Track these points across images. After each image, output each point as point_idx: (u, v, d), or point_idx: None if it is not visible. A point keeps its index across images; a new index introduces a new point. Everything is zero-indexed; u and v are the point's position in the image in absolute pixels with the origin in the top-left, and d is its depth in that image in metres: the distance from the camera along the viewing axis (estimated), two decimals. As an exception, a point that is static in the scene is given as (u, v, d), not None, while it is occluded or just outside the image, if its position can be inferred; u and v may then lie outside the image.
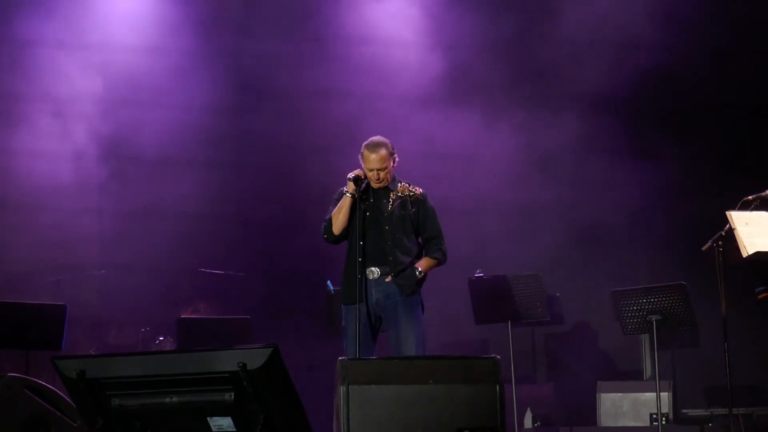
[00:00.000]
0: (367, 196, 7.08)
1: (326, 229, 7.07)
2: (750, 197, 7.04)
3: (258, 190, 10.84)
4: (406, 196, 7.12)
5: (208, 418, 4.84)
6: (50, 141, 10.51)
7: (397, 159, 7.10)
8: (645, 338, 9.84)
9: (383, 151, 7.00)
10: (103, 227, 10.87)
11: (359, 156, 7.05)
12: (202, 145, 10.81)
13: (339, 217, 6.99)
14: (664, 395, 8.83)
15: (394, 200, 7.08)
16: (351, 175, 6.92)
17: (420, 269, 7.03)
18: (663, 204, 10.43)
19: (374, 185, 7.06)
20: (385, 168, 7.01)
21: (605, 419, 9.12)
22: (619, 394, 9.16)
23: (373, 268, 6.97)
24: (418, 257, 7.11)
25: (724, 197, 7.26)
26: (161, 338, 9.85)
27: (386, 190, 7.10)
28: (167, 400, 4.83)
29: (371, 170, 7.00)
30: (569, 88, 10.58)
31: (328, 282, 8.52)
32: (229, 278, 10.34)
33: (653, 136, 10.56)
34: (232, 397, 4.75)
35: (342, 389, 5.13)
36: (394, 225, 7.02)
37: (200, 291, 10.41)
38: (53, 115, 10.55)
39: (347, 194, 6.94)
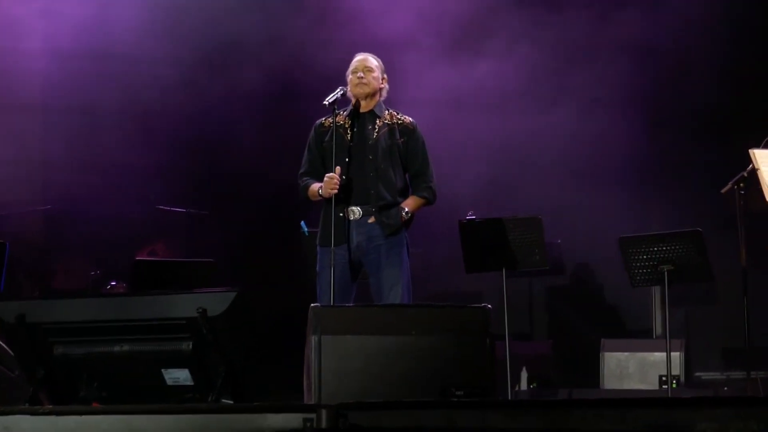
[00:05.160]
0: (351, 124, 7.05)
1: (302, 192, 7.11)
2: (775, 135, 7.05)
3: (226, 121, 10.77)
4: (394, 123, 7.10)
5: (162, 370, 4.87)
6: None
7: (387, 83, 7.14)
8: (655, 291, 9.88)
9: (373, 60, 7.10)
10: (48, 152, 10.77)
11: (347, 74, 7.08)
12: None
13: (312, 197, 7.02)
14: (676, 356, 8.86)
15: (380, 127, 7.07)
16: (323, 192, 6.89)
17: (407, 209, 7.01)
18: (678, 142, 10.41)
19: (354, 90, 7.05)
20: (371, 72, 7.04)
21: (609, 381, 9.18)
22: (625, 354, 9.21)
23: (354, 208, 6.95)
24: (404, 194, 7.10)
25: (746, 136, 7.25)
26: (113, 283, 9.85)
27: (372, 115, 7.09)
28: (116, 348, 4.86)
29: (355, 72, 7.04)
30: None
31: (302, 223, 8.51)
32: (190, 217, 10.31)
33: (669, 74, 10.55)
34: (190, 346, 4.78)
35: (314, 339, 5.13)
36: (379, 155, 7.00)
37: (158, 231, 10.38)
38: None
39: (320, 194, 6.92)
